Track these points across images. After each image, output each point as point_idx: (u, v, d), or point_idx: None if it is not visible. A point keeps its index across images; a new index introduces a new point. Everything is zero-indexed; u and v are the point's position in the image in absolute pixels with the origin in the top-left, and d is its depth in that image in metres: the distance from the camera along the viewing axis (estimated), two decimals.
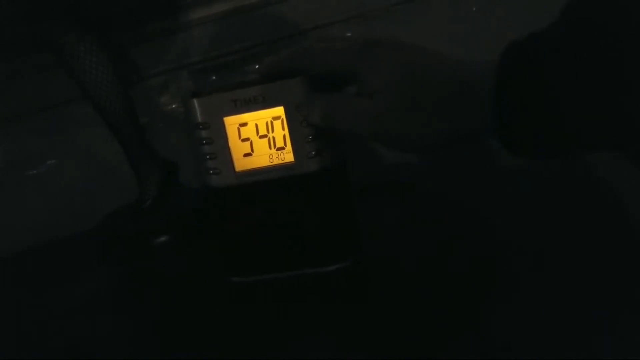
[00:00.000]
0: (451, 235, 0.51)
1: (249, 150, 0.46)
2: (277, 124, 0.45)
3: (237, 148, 0.46)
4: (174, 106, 0.85)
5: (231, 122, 0.45)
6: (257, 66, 0.46)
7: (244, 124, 0.45)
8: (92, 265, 0.68)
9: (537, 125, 0.33)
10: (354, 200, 0.49)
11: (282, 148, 0.45)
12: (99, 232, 0.71)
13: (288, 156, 0.45)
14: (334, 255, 0.48)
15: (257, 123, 0.45)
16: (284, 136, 0.45)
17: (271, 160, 0.46)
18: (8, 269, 0.72)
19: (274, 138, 0.45)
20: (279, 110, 0.44)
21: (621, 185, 0.49)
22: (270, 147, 0.45)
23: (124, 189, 0.71)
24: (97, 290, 0.60)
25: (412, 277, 0.46)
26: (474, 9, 0.82)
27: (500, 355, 0.35)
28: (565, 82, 0.32)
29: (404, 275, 0.47)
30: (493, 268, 0.45)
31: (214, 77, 0.84)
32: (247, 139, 0.45)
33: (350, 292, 0.47)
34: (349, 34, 0.82)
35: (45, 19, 0.65)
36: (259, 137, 0.45)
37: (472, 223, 0.53)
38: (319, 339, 0.41)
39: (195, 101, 0.45)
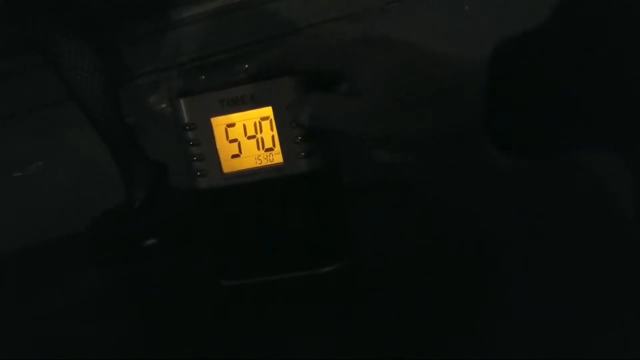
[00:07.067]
0: (447, 235, 0.51)
1: (236, 152, 0.45)
2: (266, 124, 0.44)
3: (224, 149, 0.45)
4: (163, 106, 0.84)
5: (218, 122, 0.45)
6: (247, 65, 0.45)
7: (232, 125, 0.45)
8: (81, 267, 0.67)
9: (529, 125, 0.33)
10: (346, 201, 0.48)
11: (270, 149, 0.45)
12: (88, 234, 0.71)
13: (277, 157, 0.45)
14: (327, 258, 0.47)
15: (245, 123, 0.44)
16: (273, 137, 0.44)
17: (260, 162, 0.45)
18: None
19: (262, 139, 0.44)
20: (267, 111, 0.44)
21: (616, 185, 0.49)
22: (258, 148, 0.45)
23: (112, 190, 0.70)
24: (86, 292, 0.60)
25: (408, 278, 0.46)
26: (467, 7, 0.82)
27: (499, 355, 0.35)
28: (558, 81, 0.31)
29: (400, 275, 0.46)
30: (490, 268, 0.45)
31: (204, 77, 0.83)
32: (235, 140, 0.45)
33: (347, 293, 0.47)
34: (340, 32, 0.82)
35: (32, 18, 0.64)
36: (247, 137, 0.45)
37: (469, 222, 0.52)
38: (315, 341, 0.41)
39: (181, 101, 0.45)
